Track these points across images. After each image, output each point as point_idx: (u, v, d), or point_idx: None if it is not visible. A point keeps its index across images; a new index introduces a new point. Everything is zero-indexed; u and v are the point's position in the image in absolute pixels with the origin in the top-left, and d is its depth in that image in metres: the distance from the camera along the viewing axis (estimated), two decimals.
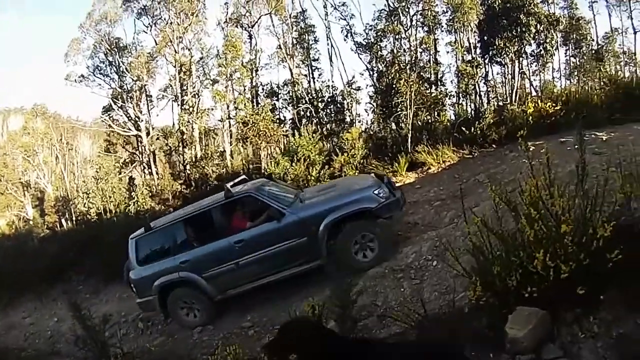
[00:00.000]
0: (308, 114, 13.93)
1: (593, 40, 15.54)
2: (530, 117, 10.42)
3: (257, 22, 15.64)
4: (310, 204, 6.08)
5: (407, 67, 11.89)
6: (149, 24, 17.47)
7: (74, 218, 17.38)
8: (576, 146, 8.93)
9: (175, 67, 16.74)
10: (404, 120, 10.86)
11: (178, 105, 16.28)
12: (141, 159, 18.14)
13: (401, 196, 6.30)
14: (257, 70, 15.67)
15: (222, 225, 6.23)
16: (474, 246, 3.22)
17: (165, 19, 17.19)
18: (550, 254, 2.75)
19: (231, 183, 6.76)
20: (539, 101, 10.83)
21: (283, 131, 13.27)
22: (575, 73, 15.56)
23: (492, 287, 3.06)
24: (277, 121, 13.92)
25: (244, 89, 15.73)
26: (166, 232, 6.51)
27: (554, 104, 10.40)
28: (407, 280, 5.46)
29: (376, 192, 5.89)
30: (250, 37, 15.98)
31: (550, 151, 7.23)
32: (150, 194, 14.51)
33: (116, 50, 17.64)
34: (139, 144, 18.05)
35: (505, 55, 12.13)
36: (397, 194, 6.16)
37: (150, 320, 7.40)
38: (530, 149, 9.00)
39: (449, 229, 6.27)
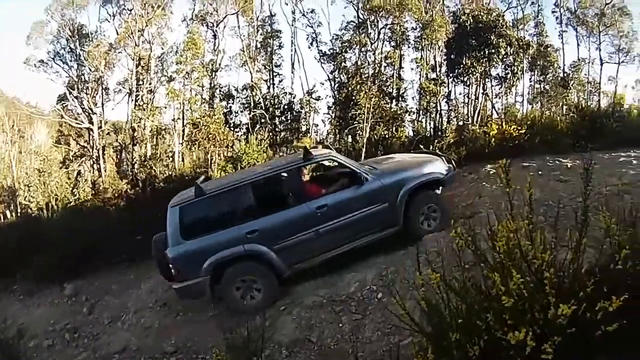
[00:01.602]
0: (262, 120, 13.34)
1: (560, 67, 15.64)
2: (493, 139, 10.21)
3: (222, 20, 14.98)
4: (389, 171, 5.95)
5: (369, 80, 11.51)
6: (114, 12, 16.69)
7: (18, 210, 16.19)
8: (540, 172, 8.65)
9: (133, 60, 15.89)
10: (360, 133, 10.43)
11: (132, 100, 15.39)
12: (91, 154, 17.07)
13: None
14: (216, 71, 14.99)
15: (298, 190, 5.63)
16: (427, 304, 2.57)
17: (129, 10, 16.43)
18: (532, 327, 2.15)
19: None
20: (503, 123, 10.66)
21: (237, 136, 12.58)
22: (539, 98, 15.60)
23: (448, 354, 2.42)
24: (232, 125, 13.31)
25: (202, 89, 14.98)
26: (223, 198, 5.49)
27: (518, 128, 10.25)
28: (347, 314, 4.87)
29: (440, 164, 6.17)
30: (214, 36, 15.35)
31: (512, 176, 6.82)
32: (93, 192, 13.57)
33: (77, 37, 16.69)
34: (90, 137, 17.01)
35: (471, 75, 11.87)
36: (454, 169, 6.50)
37: (78, 332, 6.79)
38: (491, 172, 8.73)
39: (399, 255, 5.66)
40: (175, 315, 6.26)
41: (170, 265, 5.31)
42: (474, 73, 11.77)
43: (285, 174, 5.75)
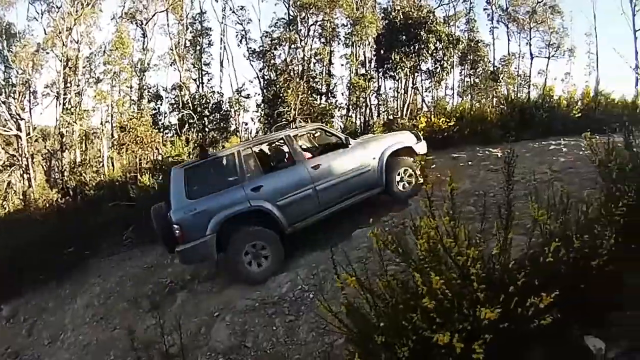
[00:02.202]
0: (191, 121, 13.00)
1: (490, 62, 16.20)
2: (422, 132, 10.26)
3: (151, 18, 14.48)
4: (368, 140, 6.60)
5: (297, 77, 11.44)
6: (42, 10, 15.95)
7: None
8: (470, 162, 8.73)
9: (61, 61, 15.11)
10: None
11: (60, 104, 14.61)
12: (20, 163, 16.06)
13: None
14: (145, 71, 14.51)
15: (294, 154, 5.99)
16: (348, 310, 2.44)
17: (58, 7, 15.71)
18: (462, 324, 2.05)
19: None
20: (432, 116, 10.76)
21: (166, 138, 12.15)
22: (469, 91, 16.07)
23: (376, 356, 2.29)
24: (162, 127, 12.86)
25: (131, 90, 14.45)
26: (227, 161, 5.75)
27: (447, 120, 10.35)
28: (280, 316, 4.72)
29: (411, 135, 6.81)
30: (144, 35, 14.81)
31: (442, 167, 6.77)
32: (24, 203, 12.79)
33: (5, 37, 15.73)
34: (19, 145, 16.01)
35: (400, 70, 12.03)
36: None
37: (19, 356, 6.48)
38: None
39: (329, 253, 5.61)
40: (113, 329, 6.02)
41: (175, 227, 5.26)
42: (403, 68, 11.93)
43: (282, 141, 6.15)
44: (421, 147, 6.72)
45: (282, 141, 6.15)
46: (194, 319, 5.16)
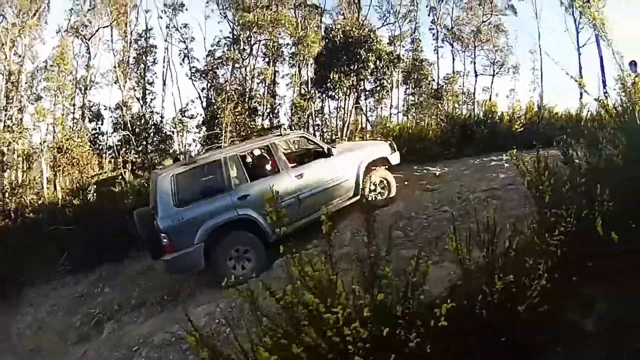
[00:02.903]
0: (130, 142, 12.85)
1: (434, 80, 16.69)
2: None
3: (95, 33, 14.21)
4: (348, 149, 6.67)
5: (237, 97, 11.49)
6: None
7: None
8: (406, 182, 8.79)
9: (3, 75, 14.62)
10: None
11: (0, 120, 14.12)
12: None
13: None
14: (87, 89, 14.23)
15: (278, 161, 6.01)
16: None
17: (3, 16, 15.19)
18: None
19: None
20: (367, 135, 10.91)
21: (109, 159, 11.95)
22: (413, 110, 16.45)
23: None
24: (104, 147, 12.63)
25: (73, 108, 14.13)
26: (213, 168, 5.63)
27: (384, 139, 10.46)
28: (195, 353, 4.81)
29: (387, 146, 6.95)
30: (88, 50, 14.52)
31: None
32: None
33: None
34: None
35: (339, 89, 12.23)
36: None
37: None
38: None
39: (251, 283, 5.65)
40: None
41: (162, 235, 5.17)
42: (342, 87, 12.11)
43: (265, 148, 6.20)
44: (395, 158, 6.92)
45: (266, 149, 6.20)
46: (115, 352, 5.08)
